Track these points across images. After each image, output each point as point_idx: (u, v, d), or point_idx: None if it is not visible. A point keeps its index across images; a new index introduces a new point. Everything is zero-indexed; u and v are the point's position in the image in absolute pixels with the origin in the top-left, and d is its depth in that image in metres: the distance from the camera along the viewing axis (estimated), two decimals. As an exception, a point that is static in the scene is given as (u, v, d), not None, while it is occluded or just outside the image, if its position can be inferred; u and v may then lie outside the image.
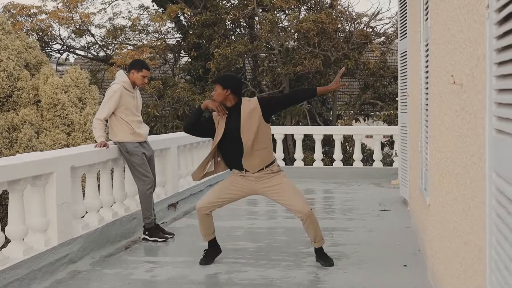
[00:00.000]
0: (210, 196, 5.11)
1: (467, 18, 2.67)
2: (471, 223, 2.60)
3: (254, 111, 4.81)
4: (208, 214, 5.06)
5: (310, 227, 4.90)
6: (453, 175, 3.20)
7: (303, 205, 4.84)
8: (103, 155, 5.80)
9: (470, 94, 2.60)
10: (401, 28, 8.07)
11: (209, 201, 5.06)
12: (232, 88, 4.86)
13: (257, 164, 4.87)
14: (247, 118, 4.80)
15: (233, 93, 4.87)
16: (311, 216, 4.86)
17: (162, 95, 17.17)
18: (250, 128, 4.79)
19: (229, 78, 5.07)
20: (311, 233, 4.95)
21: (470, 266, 2.63)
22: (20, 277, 4.35)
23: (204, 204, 5.04)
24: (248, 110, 4.82)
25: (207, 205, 5.04)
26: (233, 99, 4.89)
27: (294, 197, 4.88)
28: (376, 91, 18.43)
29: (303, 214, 4.83)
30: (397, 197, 8.37)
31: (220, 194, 5.05)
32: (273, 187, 4.90)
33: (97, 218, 5.70)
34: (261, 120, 4.82)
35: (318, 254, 5.07)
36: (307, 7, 19.04)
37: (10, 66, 12.65)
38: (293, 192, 4.91)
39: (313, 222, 4.89)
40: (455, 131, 3.10)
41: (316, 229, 4.93)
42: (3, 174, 4.29)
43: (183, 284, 4.60)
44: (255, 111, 4.81)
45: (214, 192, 5.10)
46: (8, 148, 12.07)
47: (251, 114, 4.81)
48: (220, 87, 4.85)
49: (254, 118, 4.80)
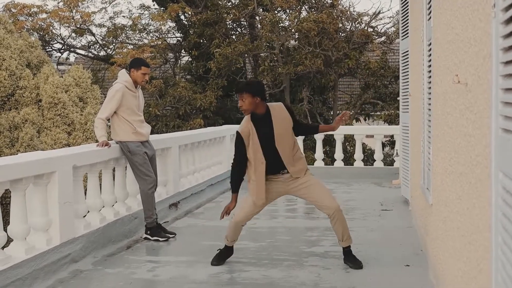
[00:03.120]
0: (247, 209, 4.97)
1: (472, 17, 2.66)
2: (476, 222, 2.59)
3: (286, 120, 4.79)
4: (243, 225, 5.07)
5: (338, 224, 4.86)
6: (457, 174, 3.20)
7: (331, 201, 4.83)
8: (105, 154, 5.79)
9: (475, 93, 2.59)
10: (403, 27, 8.07)
11: (247, 214, 4.98)
12: (262, 94, 4.77)
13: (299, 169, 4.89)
14: (281, 127, 4.78)
15: (262, 99, 4.77)
16: (339, 212, 4.83)
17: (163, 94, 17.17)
18: (287, 135, 4.79)
19: (257, 85, 4.85)
20: (339, 231, 4.90)
21: (475, 266, 2.62)
22: (22, 276, 4.34)
23: (243, 218, 4.99)
24: (281, 119, 4.78)
25: (245, 218, 5.00)
26: (263, 106, 4.79)
27: (322, 194, 4.86)
28: (377, 90, 18.43)
29: (331, 209, 4.79)
30: (398, 197, 8.37)
31: (255, 206, 4.93)
32: (302, 185, 4.88)
33: (99, 218, 5.70)
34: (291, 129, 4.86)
35: (346, 255, 5.00)
36: (308, 6, 19.03)
37: (12, 65, 12.65)
38: (321, 189, 4.89)
39: (341, 219, 4.86)
40: (459, 130, 3.09)
41: (344, 227, 4.89)
42: (5, 173, 4.28)
43: (185, 284, 4.60)
44: (287, 120, 4.80)
45: (249, 205, 4.95)
46: (9, 147, 12.07)
47: (284, 121, 4.79)
48: (249, 96, 4.70)
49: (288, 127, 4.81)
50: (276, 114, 4.80)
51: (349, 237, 4.96)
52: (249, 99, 4.71)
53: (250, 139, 4.79)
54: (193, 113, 16.97)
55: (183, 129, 15.74)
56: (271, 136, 4.77)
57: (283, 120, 4.79)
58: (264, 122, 4.78)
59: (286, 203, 8.29)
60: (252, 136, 4.77)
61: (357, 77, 19.49)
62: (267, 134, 4.77)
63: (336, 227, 4.90)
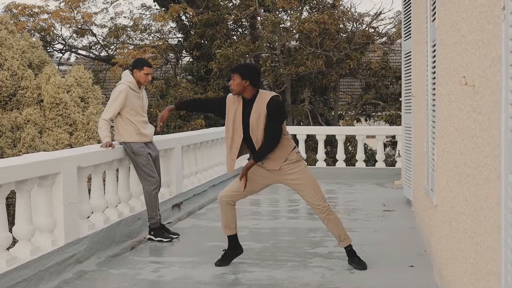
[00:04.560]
0: (232, 185, 5.01)
1: (479, 20, 2.67)
2: (484, 224, 2.60)
3: (261, 115, 4.76)
4: (230, 203, 4.97)
5: (331, 224, 4.87)
6: (463, 176, 3.20)
7: (320, 202, 4.83)
8: (108, 155, 5.80)
9: (483, 95, 2.60)
10: (405, 28, 8.07)
11: (232, 189, 4.97)
12: (251, 79, 4.75)
13: (275, 162, 4.83)
14: (256, 120, 4.76)
15: (251, 84, 4.77)
16: (329, 211, 4.84)
17: (164, 95, 17.17)
18: (259, 128, 4.76)
19: (249, 69, 4.83)
20: (334, 232, 4.91)
21: (483, 267, 2.63)
22: (27, 277, 4.35)
23: (226, 193, 4.97)
24: (258, 112, 4.76)
25: (229, 193, 4.96)
26: (251, 91, 4.79)
27: (311, 192, 4.86)
28: (378, 91, 18.44)
29: (320, 209, 4.81)
30: (401, 198, 8.38)
31: (238, 182, 4.94)
32: (294, 180, 4.87)
33: (103, 218, 5.70)
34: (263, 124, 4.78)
35: (350, 256, 4.99)
36: (309, 7, 19.04)
37: (14, 65, 12.66)
38: (311, 189, 4.87)
39: (333, 219, 4.87)
40: (466, 132, 3.10)
41: (338, 227, 4.89)
42: (10, 174, 4.29)
43: (190, 285, 4.60)
44: (262, 115, 4.75)
45: (236, 182, 4.99)
46: (11, 148, 12.08)
47: (260, 116, 4.76)
48: (239, 77, 4.73)
49: (261, 122, 4.75)
50: (258, 104, 4.78)
51: (346, 236, 4.95)
52: (238, 80, 4.75)
53: (233, 110, 4.83)
54: (194, 113, 16.98)
55: (184, 130, 15.74)
56: (247, 123, 4.79)
57: (259, 114, 4.75)
58: (247, 107, 4.81)
59: (288, 203, 8.31)
60: (236, 109, 4.82)
61: (358, 78, 19.50)
62: (246, 119, 4.80)
63: (329, 227, 4.92)
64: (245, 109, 4.82)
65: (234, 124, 4.83)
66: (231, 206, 5.00)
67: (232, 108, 4.86)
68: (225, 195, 4.98)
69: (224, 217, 5.04)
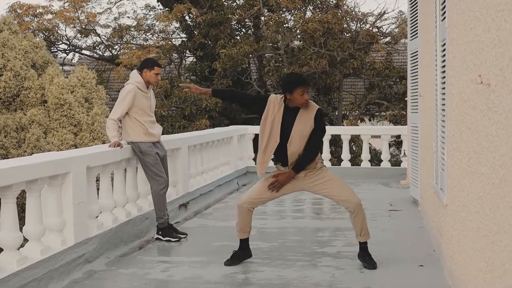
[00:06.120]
0: (253, 192, 5.01)
1: (495, 18, 2.66)
2: (500, 222, 2.59)
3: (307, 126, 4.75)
4: (250, 210, 5.00)
5: (358, 218, 4.87)
6: (477, 174, 3.20)
7: (352, 196, 4.86)
8: (117, 155, 5.80)
9: (499, 94, 2.59)
10: (411, 28, 8.07)
11: (252, 197, 4.98)
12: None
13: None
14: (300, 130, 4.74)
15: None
16: (360, 207, 4.85)
17: (168, 95, 17.17)
18: (300, 138, 4.75)
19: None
20: (358, 225, 4.91)
21: (499, 266, 2.63)
22: (38, 276, 4.35)
23: (247, 200, 4.98)
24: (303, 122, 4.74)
25: (251, 200, 4.98)
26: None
27: (342, 189, 4.88)
28: (382, 91, 18.41)
29: (353, 204, 4.82)
30: (407, 197, 8.37)
31: (264, 191, 4.95)
32: (321, 182, 4.88)
33: (111, 218, 5.71)
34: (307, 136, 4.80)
35: (362, 251, 5.00)
36: (313, 7, 19.03)
37: (17, 65, 12.67)
38: (341, 185, 4.90)
39: (361, 214, 4.88)
40: (480, 131, 3.09)
41: (363, 221, 4.91)
42: (21, 174, 4.29)
43: (201, 284, 4.60)
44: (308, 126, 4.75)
45: (257, 188, 4.99)
46: (16, 148, 12.09)
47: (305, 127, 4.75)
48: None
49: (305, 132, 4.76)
50: (304, 114, 4.77)
51: (367, 232, 4.96)
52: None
53: (273, 113, 4.78)
54: (199, 113, 16.98)
55: (188, 130, 15.74)
56: (287, 132, 4.76)
57: (304, 124, 4.75)
58: (289, 114, 4.78)
59: (294, 203, 8.30)
60: (277, 113, 4.78)
61: (362, 78, 19.47)
62: (287, 129, 4.77)
63: (355, 221, 4.90)
64: (286, 115, 4.78)
65: (272, 128, 4.78)
66: (250, 212, 5.03)
67: (272, 111, 4.80)
68: (247, 202, 4.98)
69: (242, 222, 5.07)
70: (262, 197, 4.99)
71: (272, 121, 4.78)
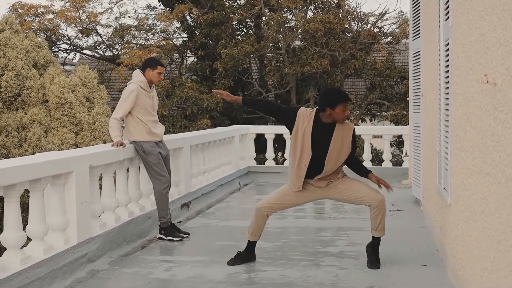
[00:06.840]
0: (272, 198, 5.00)
1: (502, 17, 2.66)
2: (507, 222, 2.59)
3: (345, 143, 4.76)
4: (266, 215, 5.01)
5: (379, 214, 4.89)
6: (482, 174, 3.19)
7: (377, 193, 4.90)
8: (120, 154, 5.80)
9: (506, 93, 2.59)
10: (414, 28, 8.06)
11: (272, 202, 4.98)
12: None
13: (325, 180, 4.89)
14: (338, 148, 4.74)
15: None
16: (384, 202, 4.90)
17: (170, 95, 17.16)
18: (338, 155, 4.76)
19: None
20: (377, 220, 4.92)
21: (505, 265, 2.62)
22: (41, 276, 4.35)
23: (266, 205, 4.98)
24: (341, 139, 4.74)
25: (271, 205, 4.98)
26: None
27: (366, 189, 4.92)
28: (383, 91, 18.39)
29: (378, 201, 4.86)
30: (409, 197, 8.36)
31: (284, 197, 4.96)
32: (345, 189, 4.92)
33: (114, 217, 5.71)
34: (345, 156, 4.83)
35: (372, 248, 5.00)
36: (314, 7, 19.02)
37: (18, 65, 12.66)
38: (364, 186, 4.95)
39: (383, 210, 4.91)
40: (485, 130, 3.09)
41: (383, 218, 4.92)
42: (25, 173, 4.29)
43: (203, 284, 4.60)
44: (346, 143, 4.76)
45: (277, 194, 4.99)
46: (17, 147, 12.09)
47: (343, 144, 4.75)
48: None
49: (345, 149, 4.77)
50: (341, 131, 4.75)
51: (383, 229, 4.98)
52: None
53: (303, 126, 4.76)
54: (200, 113, 16.97)
55: (190, 130, 15.73)
56: (323, 148, 4.73)
57: (342, 141, 4.75)
58: (322, 129, 4.75)
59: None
60: (307, 127, 4.75)
61: (363, 78, 19.46)
62: (320, 143, 4.74)
63: (375, 215, 4.90)
64: (317, 129, 4.75)
65: (303, 141, 4.76)
66: (266, 217, 5.05)
67: (302, 125, 4.77)
68: (266, 207, 4.98)
69: (256, 226, 5.08)
70: (281, 204, 5.00)
71: (303, 135, 4.76)
